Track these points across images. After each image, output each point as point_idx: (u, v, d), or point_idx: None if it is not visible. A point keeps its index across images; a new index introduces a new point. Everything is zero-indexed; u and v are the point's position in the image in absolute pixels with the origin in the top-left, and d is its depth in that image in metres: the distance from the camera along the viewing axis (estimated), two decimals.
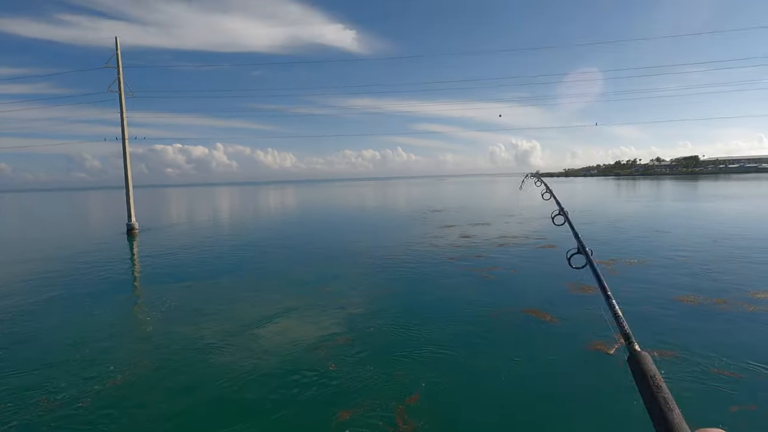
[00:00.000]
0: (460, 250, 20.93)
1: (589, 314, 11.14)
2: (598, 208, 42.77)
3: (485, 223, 32.51)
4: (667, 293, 12.79)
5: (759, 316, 10.63)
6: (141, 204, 73.37)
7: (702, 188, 75.41)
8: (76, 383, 8.14)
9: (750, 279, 14.20)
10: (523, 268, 16.95)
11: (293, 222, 38.74)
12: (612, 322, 1.43)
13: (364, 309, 12.21)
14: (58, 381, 8.25)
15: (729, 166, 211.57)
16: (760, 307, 11.24)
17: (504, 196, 72.33)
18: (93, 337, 10.56)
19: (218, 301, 13.47)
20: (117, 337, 10.66)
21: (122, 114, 34.65)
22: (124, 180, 34.69)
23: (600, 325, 10.25)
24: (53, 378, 8.38)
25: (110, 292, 15.28)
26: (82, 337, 10.63)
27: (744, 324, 10.16)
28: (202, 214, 50.87)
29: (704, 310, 11.31)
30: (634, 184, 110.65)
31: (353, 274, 16.81)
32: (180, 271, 18.41)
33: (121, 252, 24.56)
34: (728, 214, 33.67)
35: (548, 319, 10.89)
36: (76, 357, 9.41)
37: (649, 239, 22.78)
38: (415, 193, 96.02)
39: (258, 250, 23.08)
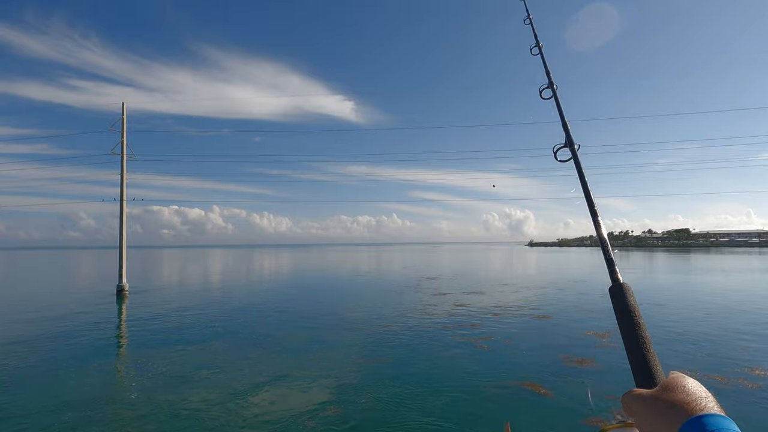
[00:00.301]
0: (454, 319, 20.73)
1: (580, 387, 10.94)
2: (593, 278, 42.81)
3: (479, 291, 32.36)
4: (664, 368, 12.57)
5: (760, 393, 10.47)
6: (134, 265, 72.74)
7: (695, 261, 75.92)
8: None
9: (746, 354, 14.09)
10: (518, 338, 16.73)
11: (286, 287, 38.39)
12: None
13: (356, 379, 11.93)
14: None
15: (720, 240, 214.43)
16: (759, 384, 11.09)
17: (498, 265, 72.36)
18: (74, 404, 10.20)
19: (207, 367, 13.13)
20: (100, 405, 10.28)
21: (122, 176, 35.41)
22: (119, 240, 34.75)
23: (597, 400, 10.06)
24: None
25: (95, 356, 14.89)
26: (63, 403, 10.27)
27: (747, 401, 9.98)
28: (195, 277, 50.40)
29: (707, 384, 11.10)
30: (627, 255, 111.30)
31: (345, 342, 16.52)
32: (169, 335, 18.04)
33: (109, 314, 24.09)
34: (721, 288, 33.78)
35: (543, 392, 10.66)
36: (55, 424, 9.05)
37: (643, 311, 22.51)
38: (410, 259, 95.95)
39: (250, 315, 22.75)
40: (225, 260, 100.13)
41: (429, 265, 69.85)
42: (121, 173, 35.46)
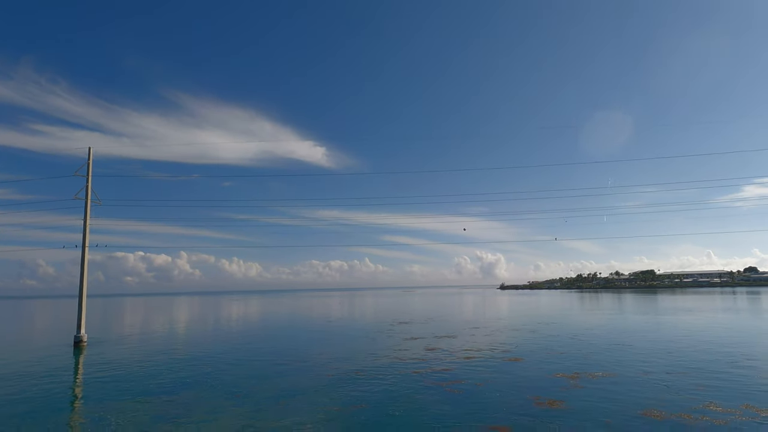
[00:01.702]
0: (426, 363, 20.55)
1: (554, 430, 10.96)
2: (564, 320, 43.32)
3: (451, 335, 32.25)
4: (633, 408, 12.78)
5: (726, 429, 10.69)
6: (94, 314, 69.53)
7: (661, 301, 77.88)
8: None
9: (710, 391, 14.43)
10: (489, 381, 16.70)
11: (255, 334, 37.31)
12: None
13: (326, 427, 11.61)
14: None
15: (684, 280, 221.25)
16: (725, 420, 11.34)
17: (470, 308, 72.41)
18: None
19: (168, 421, 12.54)
20: None
21: (86, 221, 34.47)
22: (79, 289, 33.36)
23: None
24: None
25: (50, 411, 14.07)
26: None
27: None
28: (159, 326, 48.45)
29: (672, 425, 11.30)
30: (596, 296, 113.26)
31: (315, 388, 16.12)
32: (129, 387, 17.21)
33: (65, 367, 22.77)
34: (686, 328, 34.69)
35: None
36: None
37: (612, 352, 23.06)
38: (382, 304, 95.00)
39: (215, 364, 21.97)
40: (191, 307, 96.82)
41: (401, 310, 69.30)
42: (85, 219, 34.54)
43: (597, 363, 19.96)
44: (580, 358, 21.26)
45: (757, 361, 19.81)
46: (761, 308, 55.78)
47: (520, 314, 54.39)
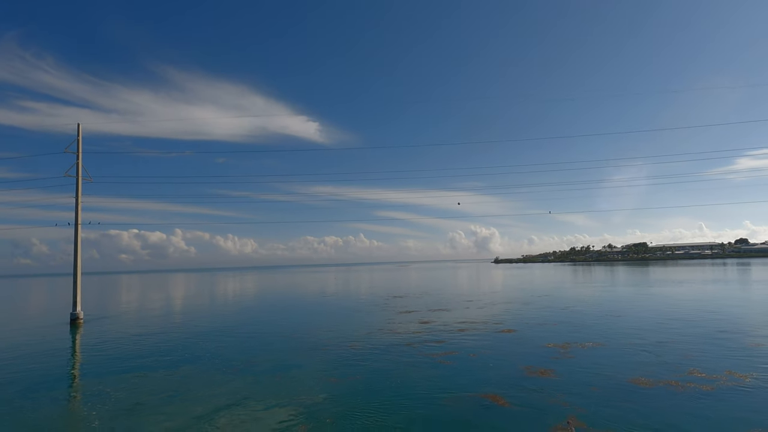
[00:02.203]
0: (420, 336, 20.89)
1: (544, 397, 11.27)
2: (556, 293, 43.94)
3: (445, 308, 32.69)
4: (621, 376, 13.12)
5: (711, 395, 11.03)
6: (89, 292, 69.71)
7: (652, 274, 79.02)
8: None
9: (696, 359, 14.82)
10: (482, 352, 17.03)
11: (251, 309, 37.65)
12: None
13: (322, 397, 11.88)
14: None
15: (675, 252, 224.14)
16: (710, 386, 11.69)
17: (464, 282, 73.20)
18: None
19: (167, 394, 12.77)
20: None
21: (78, 199, 34.21)
22: (73, 267, 33.36)
23: (554, 410, 10.36)
24: None
25: (49, 387, 14.26)
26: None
27: (701, 404, 10.50)
28: (155, 302, 48.72)
29: (658, 392, 11.63)
30: (589, 269, 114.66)
31: (311, 361, 16.40)
32: (127, 363, 17.42)
33: (62, 344, 22.97)
34: (675, 299, 35.31)
35: (502, 403, 10.95)
36: None
37: (602, 323, 23.50)
38: (377, 279, 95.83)
39: (213, 339, 22.21)
40: (187, 284, 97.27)
41: (396, 284, 69.98)
42: (76, 196, 34.28)
43: (587, 334, 20.37)
44: (571, 329, 21.67)
45: (741, 329, 20.28)
46: (749, 279, 56.78)
47: (513, 287, 55.08)
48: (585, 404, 10.68)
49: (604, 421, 9.53)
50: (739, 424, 9.13)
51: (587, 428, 9.15)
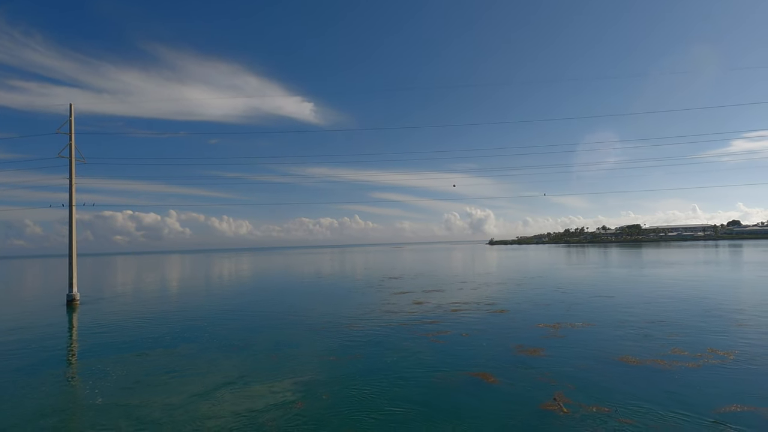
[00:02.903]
0: (414, 316, 21.23)
1: (533, 375, 11.61)
2: (549, 274, 44.46)
3: (440, 289, 33.10)
4: (610, 354, 13.48)
5: (695, 372, 11.40)
6: (85, 273, 69.82)
7: (645, 255, 79.92)
8: None
9: (682, 338, 15.21)
10: (474, 332, 17.38)
11: (247, 290, 37.95)
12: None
13: (318, 375, 12.18)
14: None
15: (668, 234, 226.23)
16: (695, 364, 12.06)
17: (459, 263, 73.80)
18: (32, 414, 10.00)
19: (167, 372, 13.04)
20: (60, 414, 10.12)
21: (71, 180, 34.06)
22: (68, 248, 33.39)
23: (542, 387, 10.69)
24: None
25: (49, 366, 14.52)
26: (20, 414, 10.03)
27: (684, 380, 10.86)
28: (151, 284, 48.94)
29: (643, 368, 12.00)
30: (583, 251, 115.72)
31: (308, 340, 16.71)
32: (125, 342, 17.65)
33: (60, 325, 23.17)
34: (667, 280, 35.87)
35: (491, 380, 11.31)
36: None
37: (594, 303, 23.92)
38: (372, 260, 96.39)
39: (210, 320, 22.47)
40: (183, 266, 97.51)
41: (391, 266, 70.47)
42: (70, 177, 34.12)
43: (578, 314, 20.77)
44: (562, 310, 22.07)
45: (726, 310, 20.73)
46: (738, 261, 57.58)
47: (507, 269, 55.64)
48: (573, 381, 11.02)
49: (589, 397, 9.87)
50: (719, 398, 9.48)
51: (574, 404, 9.49)
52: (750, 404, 9.22)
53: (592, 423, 8.54)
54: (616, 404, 9.39)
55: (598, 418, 8.75)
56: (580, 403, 9.50)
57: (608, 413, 8.93)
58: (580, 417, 8.84)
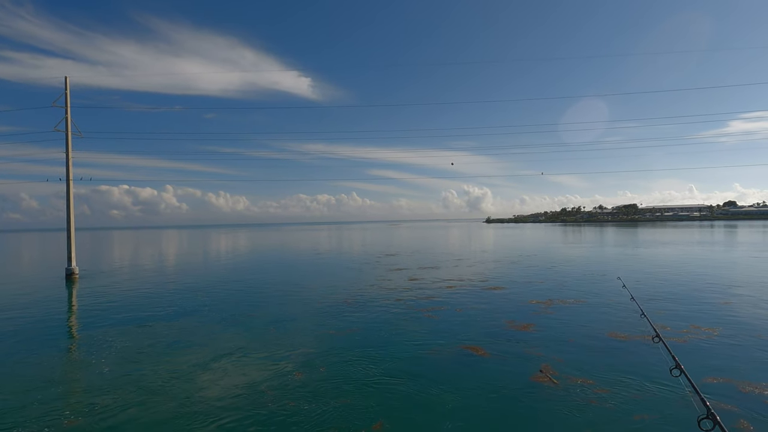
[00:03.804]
0: (409, 292, 21.65)
1: (523, 348, 12.04)
2: (545, 252, 44.98)
3: (435, 266, 33.55)
4: (599, 330, 13.91)
5: (681, 347, 11.78)
6: (82, 247, 70.14)
7: (641, 235, 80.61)
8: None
9: (670, 315, 15.64)
10: (468, 308, 17.80)
11: (245, 266, 38.34)
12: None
13: (315, 348, 12.58)
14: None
15: (665, 214, 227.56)
16: (682, 339, 12.49)
17: (455, 241, 74.36)
18: (38, 384, 10.37)
19: (168, 344, 13.42)
20: (65, 384, 10.50)
21: (68, 154, 33.96)
22: (66, 222, 33.55)
23: (531, 359, 11.10)
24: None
25: (52, 339, 14.89)
26: (26, 384, 10.40)
27: (669, 355, 11.28)
28: (150, 259, 49.32)
29: (630, 343, 12.43)
30: (579, 230, 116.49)
31: (304, 315, 17.10)
32: (126, 316, 18.00)
33: (60, 299, 23.51)
34: (659, 259, 36.41)
35: (481, 353, 11.75)
36: (24, 405, 9.22)
37: (586, 281, 24.40)
38: (369, 237, 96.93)
39: (209, 295, 22.85)
40: (181, 241, 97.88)
41: (388, 243, 71.00)
42: (67, 151, 34.01)
43: (571, 291, 21.22)
44: (556, 287, 22.52)
45: (716, 289, 21.21)
46: (732, 241, 58.24)
47: (503, 247, 56.18)
48: (561, 354, 11.46)
49: (576, 369, 10.30)
50: (699, 371, 9.90)
51: (560, 376, 9.91)
52: (727, 377, 9.66)
53: (576, 393, 8.95)
54: (600, 376, 9.80)
55: (582, 388, 9.16)
56: (566, 375, 9.92)
57: (592, 384, 9.34)
58: (565, 387, 9.25)
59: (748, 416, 7.82)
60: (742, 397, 8.61)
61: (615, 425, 7.61)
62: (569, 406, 8.38)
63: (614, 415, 8.02)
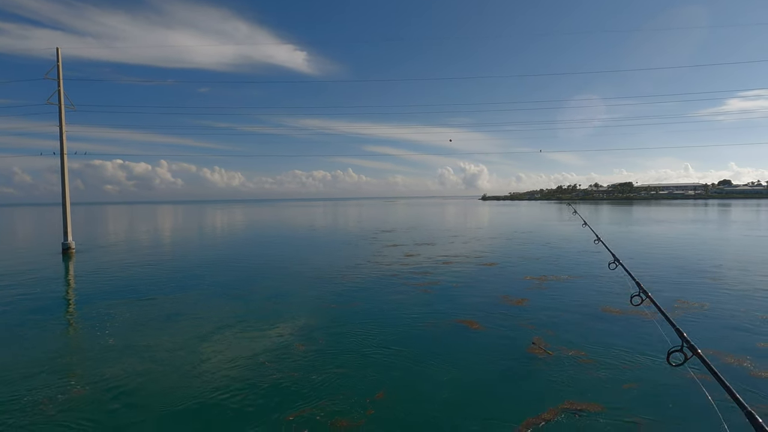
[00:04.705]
0: (406, 268, 21.94)
1: (516, 322, 12.38)
2: (540, 230, 45.36)
3: (431, 243, 33.85)
4: (591, 305, 14.26)
5: (675, 320, 12.17)
6: (78, 222, 69.96)
7: (635, 213, 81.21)
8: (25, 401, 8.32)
9: (663, 291, 16.01)
10: (463, 284, 18.12)
11: (242, 241, 38.55)
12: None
13: (315, 321, 12.88)
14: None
15: (660, 192, 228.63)
16: (678, 314, 12.83)
17: (451, 218, 74.71)
18: (41, 356, 10.61)
19: (171, 315, 13.70)
20: (69, 354, 10.77)
21: (61, 128, 33.61)
22: (61, 196, 33.47)
23: (524, 332, 11.43)
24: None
25: (52, 312, 15.13)
26: (29, 356, 10.63)
27: (657, 328, 11.64)
28: (146, 233, 49.38)
29: (621, 317, 12.79)
30: (575, 208, 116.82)
31: (302, 289, 17.38)
32: (125, 289, 18.20)
33: (58, 273, 23.63)
34: (652, 237, 36.88)
35: (476, 327, 12.09)
36: (30, 376, 9.46)
37: (580, 258, 24.77)
38: (365, 213, 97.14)
39: (206, 270, 23.07)
40: (176, 216, 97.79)
41: (384, 219, 71.25)
42: (60, 125, 33.64)
43: (565, 267, 21.58)
44: (550, 263, 22.87)
45: (706, 266, 21.61)
46: (726, 220, 58.86)
47: (499, 224, 56.58)
48: (554, 328, 11.82)
49: (567, 341, 10.65)
50: (692, 341, 10.24)
51: (553, 347, 10.25)
52: (710, 348, 10.02)
53: (567, 364, 9.29)
54: (591, 348, 10.14)
55: (574, 359, 9.50)
56: (557, 347, 10.26)
57: (584, 356, 9.68)
58: (557, 358, 9.60)
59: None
60: (721, 368, 8.97)
61: (604, 393, 7.94)
62: (560, 376, 8.71)
63: (604, 384, 8.36)
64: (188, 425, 7.15)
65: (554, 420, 7.07)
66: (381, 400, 7.86)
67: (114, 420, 7.31)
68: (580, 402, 7.67)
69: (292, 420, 7.13)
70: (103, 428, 7.06)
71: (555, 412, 7.31)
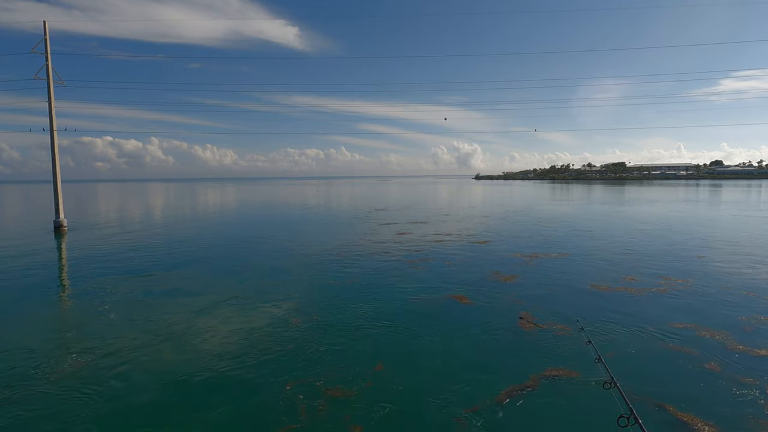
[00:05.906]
0: (399, 246, 22.18)
1: (505, 297, 12.71)
2: (532, 209, 45.72)
3: (424, 221, 34.09)
4: (579, 282, 14.59)
5: (660, 296, 12.54)
6: (68, 200, 69.40)
7: (627, 193, 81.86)
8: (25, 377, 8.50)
9: (656, 268, 16.38)
10: (454, 261, 18.40)
11: (235, 219, 38.57)
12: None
13: (310, 297, 13.13)
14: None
15: (652, 173, 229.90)
16: (661, 289, 13.23)
17: (444, 197, 75.00)
18: (43, 331, 10.78)
19: (167, 291, 13.90)
20: (72, 330, 10.95)
21: (50, 104, 33.03)
22: (52, 174, 33.07)
23: (512, 307, 11.73)
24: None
25: (48, 288, 15.36)
26: (32, 331, 10.81)
27: (645, 302, 11.99)
28: (138, 211, 49.19)
29: (609, 293, 13.14)
30: (567, 187, 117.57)
31: (297, 267, 17.58)
32: (120, 267, 18.27)
33: (51, 251, 23.55)
34: (642, 216, 37.35)
35: (466, 302, 12.41)
36: (33, 350, 9.63)
37: (571, 236, 25.14)
38: (358, 192, 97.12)
39: (201, 247, 23.18)
40: (168, 194, 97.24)
41: (377, 198, 71.37)
42: (49, 101, 33.05)
43: (555, 245, 21.92)
44: (541, 241, 23.21)
45: (692, 243, 22.06)
46: (715, 200, 59.55)
47: (491, 203, 56.91)
48: (541, 302, 12.16)
49: (553, 315, 11.02)
50: (668, 317, 10.63)
51: (540, 320, 10.58)
52: (692, 322, 10.41)
53: (551, 335, 9.63)
54: (575, 321, 10.45)
55: (558, 332, 9.83)
56: (546, 321, 10.58)
57: (569, 329, 9.99)
58: (542, 331, 9.93)
59: (705, 358, 8.53)
60: (699, 341, 9.32)
61: (582, 361, 8.23)
62: (545, 347, 9.05)
63: (583, 354, 8.66)
64: (189, 394, 7.39)
65: (536, 386, 7.42)
66: (380, 371, 8.12)
67: (116, 390, 7.54)
68: (559, 368, 8.03)
69: (289, 389, 7.38)
70: (107, 398, 7.28)
71: (536, 379, 7.66)
